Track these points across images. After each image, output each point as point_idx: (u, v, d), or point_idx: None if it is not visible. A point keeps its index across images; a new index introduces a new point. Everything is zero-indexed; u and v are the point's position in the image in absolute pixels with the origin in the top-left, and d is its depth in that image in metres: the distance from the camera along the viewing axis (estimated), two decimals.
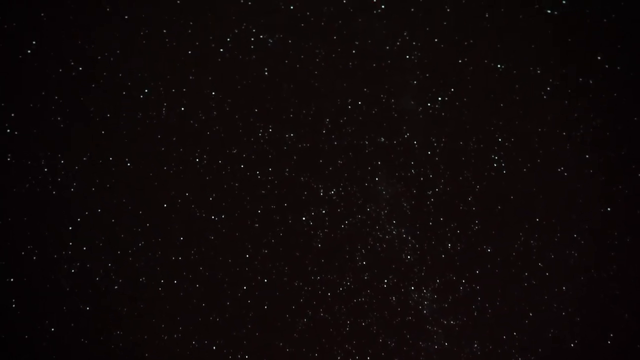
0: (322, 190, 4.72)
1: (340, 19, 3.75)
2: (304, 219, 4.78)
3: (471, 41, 3.66)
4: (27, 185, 4.01)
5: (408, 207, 4.69)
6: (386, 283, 4.84)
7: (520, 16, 3.43)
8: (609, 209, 4.02)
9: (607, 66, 3.40)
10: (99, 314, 4.50)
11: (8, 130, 3.74)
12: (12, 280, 4.14)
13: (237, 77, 4.11)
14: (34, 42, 3.44)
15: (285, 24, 3.81)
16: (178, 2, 3.53)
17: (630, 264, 4.10)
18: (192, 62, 3.95)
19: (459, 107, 4.10)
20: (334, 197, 4.75)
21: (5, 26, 3.31)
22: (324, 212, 4.78)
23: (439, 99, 4.07)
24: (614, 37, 3.31)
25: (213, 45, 3.86)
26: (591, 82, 3.52)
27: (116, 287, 4.52)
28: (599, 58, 3.36)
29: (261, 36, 3.86)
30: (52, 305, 4.35)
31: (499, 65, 3.73)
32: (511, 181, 4.32)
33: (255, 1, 3.61)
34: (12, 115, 3.67)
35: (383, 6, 3.62)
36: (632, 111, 3.59)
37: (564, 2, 3.14)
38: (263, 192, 4.69)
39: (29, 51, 3.47)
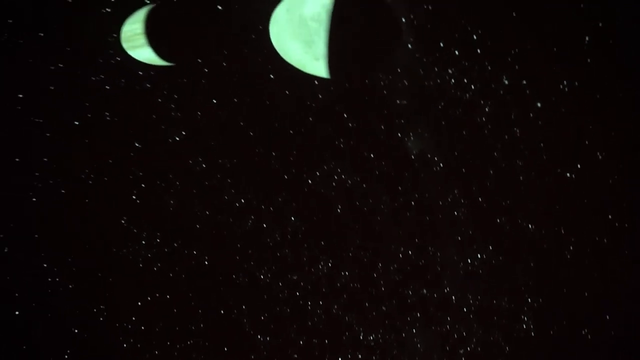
0: (362, 334, 5.12)
1: (406, 171, 4.84)
2: None
3: (508, 202, 4.64)
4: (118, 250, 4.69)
5: None
6: None
7: (543, 181, 4.46)
8: None
9: (616, 224, 4.28)
10: None
11: None
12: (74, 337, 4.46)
13: (315, 208, 5.04)
14: (176, 138, 4.62)
15: (363, 168, 4.90)
16: (291, 132, 4.75)
17: None
18: (285, 186, 4.96)
19: (495, 265, 4.83)
20: (372, 343, 5.11)
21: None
22: (360, 356, 5.09)
23: (478, 256, 4.84)
24: (618, 201, 4.26)
25: (304, 175, 4.93)
26: (606, 241, 4.35)
27: None
28: (611, 218, 4.27)
29: (343, 176, 4.93)
30: None
31: (529, 225, 4.62)
32: (538, 344, 4.73)
33: (348, 145, 4.79)
34: (140, 173, 4.61)
35: (441, 164, 4.74)
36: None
37: (579, 166, 4.21)
38: (309, 323, 5.13)
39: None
